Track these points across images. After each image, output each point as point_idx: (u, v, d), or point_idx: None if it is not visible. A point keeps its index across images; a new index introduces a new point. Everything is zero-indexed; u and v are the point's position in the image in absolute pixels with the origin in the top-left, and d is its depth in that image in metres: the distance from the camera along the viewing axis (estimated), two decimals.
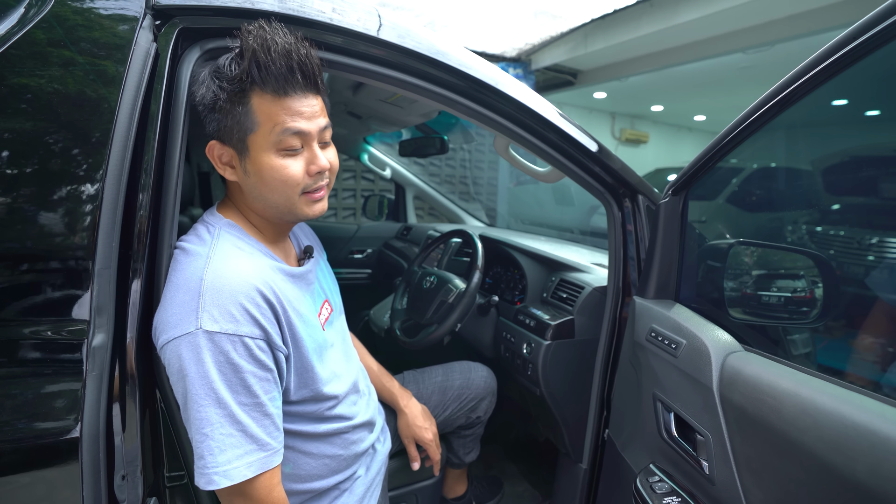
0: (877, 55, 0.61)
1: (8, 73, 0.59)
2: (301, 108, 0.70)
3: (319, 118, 0.73)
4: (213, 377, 0.64)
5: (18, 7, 0.61)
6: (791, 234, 3.63)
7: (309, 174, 0.73)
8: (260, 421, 0.68)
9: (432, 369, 1.29)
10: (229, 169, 0.75)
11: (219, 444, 0.65)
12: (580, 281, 1.32)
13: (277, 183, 0.72)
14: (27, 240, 0.60)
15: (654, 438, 0.90)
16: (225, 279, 0.66)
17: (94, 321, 0.62)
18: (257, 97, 0.68)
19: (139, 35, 0.68)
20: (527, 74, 5.72)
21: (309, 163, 0.73)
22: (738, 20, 3.83)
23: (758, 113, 0.77)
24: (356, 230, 2.77)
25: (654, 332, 0.94)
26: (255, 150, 0.70)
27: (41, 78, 0.61)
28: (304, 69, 0.69)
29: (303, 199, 0.75)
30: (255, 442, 0.67)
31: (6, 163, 0.59)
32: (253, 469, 0.67)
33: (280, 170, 0.71)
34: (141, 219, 0.67)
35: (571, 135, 1.06)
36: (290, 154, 0.71)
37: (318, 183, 0.75)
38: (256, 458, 0.67)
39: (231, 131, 0.71)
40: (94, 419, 0.62)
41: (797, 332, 1.13)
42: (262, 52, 0.66)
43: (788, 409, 0.63)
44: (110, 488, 0.64)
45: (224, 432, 0.65)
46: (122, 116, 0.66)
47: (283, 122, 0.69)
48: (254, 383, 0.67)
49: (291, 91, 0.69)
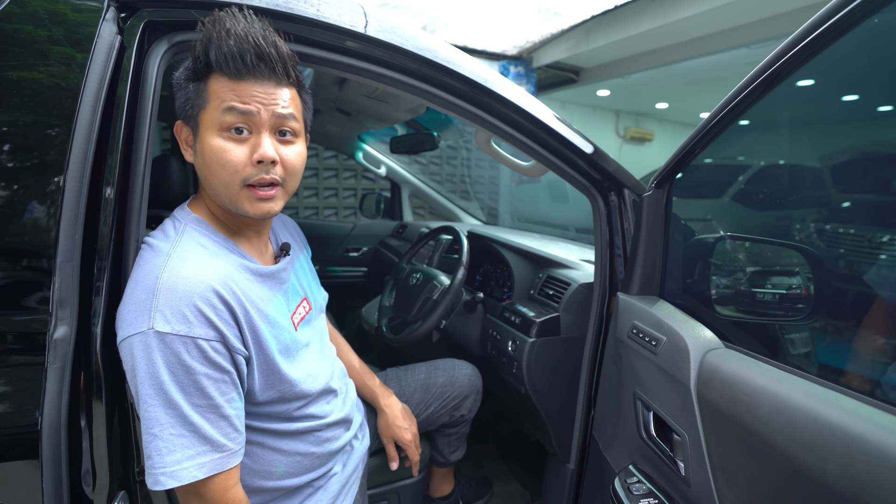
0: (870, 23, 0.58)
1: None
2: (253, 92, 0.68)
3: (276, 106, 0.70)
4: (163, 378, 0.62)
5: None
6: (800, 233, 3.56)
7: (251, 163, 0.69)
8: (215, 423, 0.67)
9: (415, 367, 1.27)
10: (189, 150, 0.74)
11: (167, 445, 0.63)
12: (567, 277, 1.29)
13: (216, 166, 0.69)
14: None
15: (635, 438, 0.88)
16: (180, 279, 0.65)
17: (57, 313, 0.62)
18: (215, 78, 0.68)
19: (102, 27, 0.67)
20: (528, 72, 5.68)
21: (252, 149, 0.69)
22: (742, 15, 3.77)
23: (741, 95, 0.74)
24: (352, 228, 2.76)
25: (636, 329, 0.92)
26: (203, 129, 0.69)
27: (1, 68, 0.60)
28: (261, 54, 0.67)
29: (244, 192, 0.70)
30: (208, 443, 0.66)
31: None
32: (205, 470, 0.65)
33: (220, 152, 0.68)
34: (105, 212, 0.66)
35: (556, 129, 1.04)
36: (233, 137, 0.68)
37: (261, 175, 0.70)
38: (209, 458, 0.66)
39: (186, 108, 0.71)
40: (54, 412, 0.61)
41: (795, 331, 1.09)
42: (219, 34, 0.66)
43: (763, 408, 0.60)
44: (74, 481, 0.63)
45: (174, 433, 0.63)
46: (85, 109, 0.65)
47: (228, 99, 0.67)
48: (208, 385, 0.66)
49: (248, 75, 0.68)
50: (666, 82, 5.97)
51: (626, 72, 5.38)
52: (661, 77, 5.61)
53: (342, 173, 4.98)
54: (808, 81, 0.76)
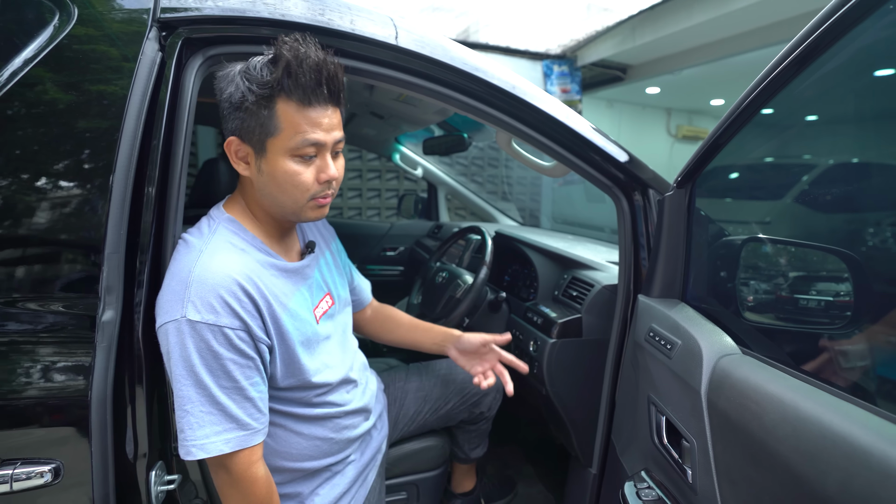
0: None
1: (42, 78, 0.67)
2: (321, 120, 0.74)
3: (336, 130, 0.77)
4: (194, 361, 0.69)
5: (52, 23, 0.70)
6: (873, 238, 3.28)
7: (318, 181, 0.77)
8: (240, 403, 0.73)
9: (437, 362, 1.30)
10: (243, 164, 0.79)
11: (198, 420, 0.70)
12: (591, 279, 1.27)
13: (289, 186, 0.76)
14: (51, 226, 0.69)
15: (648, 443, 0.86)
16: (209, 272, 0.71)
17: (105, 298, 0.69)
18: (283, 103, 0.72)
19: (146, 45, 0.75)
20: (573, 71, 5.57)
21: (319, 171, 0.77)
22: (803, 3, 3.52)
23: (771, 76, 0.69)
24: (389, 228, 2.84)
25: (653, 332, 0.90)
26: (273, 153, 0.74)
27: (66, 85, 0.69)
28: (331, 84, 0.74)
29: (310, 203, 0.79)
30: (234, 421, 0.72)
31: (32, 158, 0.68)
32: (230, 445, 0.71)
33: (293, 175, 0.75)
34: (147, 210, 0.74)
35: (589, 137, 1.04)
36: (303, 161, 0.76)
37: (325, 191, 0.79)
38: (234, 435, 0.72)
39: (253, 131, 0.74)
40: (101, 385, 0.68)
41: (841, 342, 1.02)
42: (294, 62, 0.70)
43: (770, 416, 0.58)
44: (118, 449, 0.71)
45: (203, 410, 0.70)
46: (130, 117, 0.72)
47: (304, 131, 0.73)
48: (234, 369, 0.72)
49: (315, 102, 0.73)
50: (721, 77, 5.66)
51: (676, 68, 5.15)
52: (715, 72, 5.32)
53: (385, 175, 5.10)
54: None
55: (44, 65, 0.68)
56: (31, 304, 0.68)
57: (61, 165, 0.69)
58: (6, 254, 0.68)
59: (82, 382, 0.67)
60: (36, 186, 0.68)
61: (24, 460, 0.64)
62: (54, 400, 0.67)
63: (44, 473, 0.64)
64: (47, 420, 0.67)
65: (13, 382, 0.66)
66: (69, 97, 0.69)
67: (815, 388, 0.57)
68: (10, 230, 0.67)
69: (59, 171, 0.69)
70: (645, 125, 7.80)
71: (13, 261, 0.69)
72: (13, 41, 0.68)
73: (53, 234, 0.69)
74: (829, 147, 1.24)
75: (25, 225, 0.68)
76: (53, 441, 0.67)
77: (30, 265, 0.69)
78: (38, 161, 0.68)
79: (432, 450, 1.23)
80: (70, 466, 0.66)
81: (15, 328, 0.68)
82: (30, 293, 0.68)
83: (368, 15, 0.89)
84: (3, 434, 0.65)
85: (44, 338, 0.69)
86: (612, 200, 1.13)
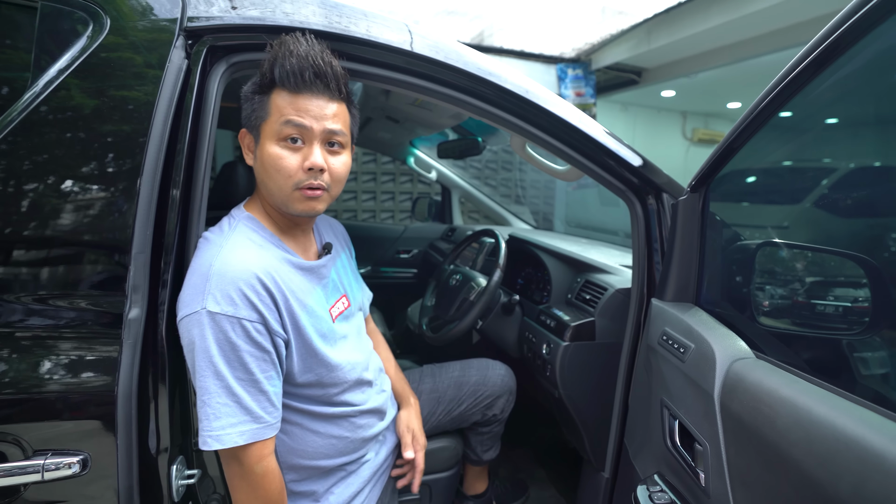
0: None
1: (75, 86, 0.71)
2: (309, 107, 0.77)
3: (328, 120, 0.79)
4: (213, 352, 0.71)
5: (85, 33, 0.73)
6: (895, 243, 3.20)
7: (303, 169, 0.78)
8: (255, 396, 0.75)
9: (450, 365, 1.31)
10: (250, 155, 0.84)
11: (215, 412, 0.72)
12: (604, 282, 1.27)
13: (273, 171, 0.78)
14: (82, 227, 0.72)
15: (661, 447, 0.86)
16: (229, 266, 0.74)
17: (131, 297, 0.72)
18: (276, 92, 0.78)
19: (173, 53, 0.78)
20: (587, 75, 5.55)
21: (304, 158, 0.79)
22: (821, 5, 3.46)
23: (788, 79, 0.69)
24: (403, 231, 2.86)
25: (666, 336, 0.90)
26: (264, 137, 0.79)
27: (97, 92, 0.72)
28: (318, 71, 0.77)
29: (296, 194, 0.80)
30: (248, 414, 0.74)
31: (65, 163, 0.71)
32: (245, 437, 0.73)
33: (277, 159, 0.78)
34: (172, 211, 0.76)
35: (602, 142, 1.05)
36: (289, 146, 0.78)
37: (310, 180, 0.79)
38: (248, 428, 0.74)
39: (251, 118, 0.81)
40: (127, 380, 0.71)
41: (864, 349, 1.01)
42: (282, 53, 0.76)
43: (783, 420, 0.58)
44: (142, 442, 0.73)
45: (220, 401, 0.72)
46: (157, 122, 0.75)
47: (287, 113, 0.77)
48: (250, 361, 0.74)
49: (305, 90, 0.77)
50: (738, 80, 5.59)
51: (692, 71, 5.10)
52: (732, 75, 5.26)
53: (399, 178, 5.14)
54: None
55: (77, 73, 0.71)
56: (62, 301, 0.71)
57: (92, 169, 0.72)
58: (39, 253, 0.71)
59: (109, 378, 0.70)
60: (68, 189, 0.71)
61: (55, 451, 0.67)
62: (83, 394, 0.70)
63: (72, 464, 0.67)
64: (76, 413, 0.70)
65: (47, 376, 0.68)
66: (100, 104, 0.73)
67: (828, 392, 0.57)
68: (44, 231, 0.70)
69: (90, 174, 0.72)
70: (660, 129, 7.73)
71: (46, 260, 0.72)
72: (49, 51, 0.71)
73: (84, 235, 0.72)
74: (849, 150, 1.21)
75: (58, 226, 0.71)
76: (82, 433, 0.70)
77: (61, 264, 0.72)
78: (70, 165, 0.71)
79: (445, 451, 1.24)
80: (97, 458, 0.69)
81: (47, 324, 0.71)
82: (61, 291, 0.71)
83: (384, 21, 0.91)
84: (37, 425, 0.68)
85: (74, 334, 0.72)
86: (625, 204, 1.14)
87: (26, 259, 0.71)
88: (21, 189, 0.69)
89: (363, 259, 2.77)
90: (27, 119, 0.69)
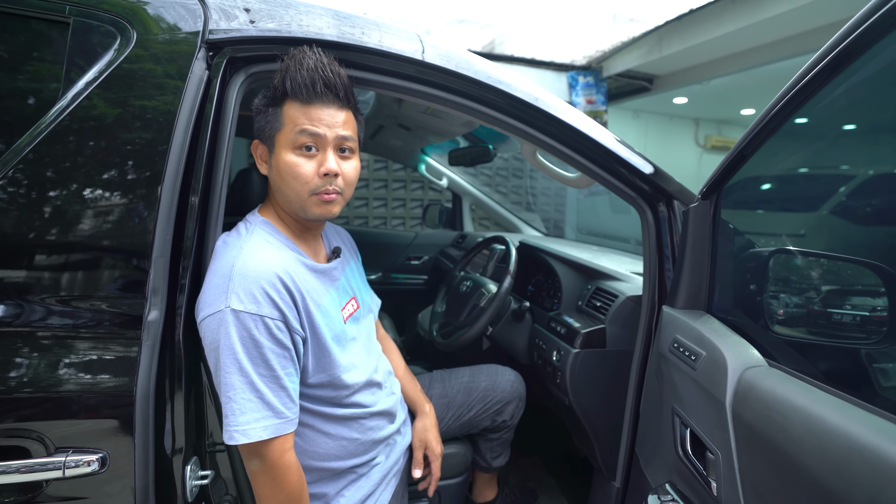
0: None
1: (101, 97, 0.74)
2: (321, 115, 0.81)
3: (339, 128, 0.83)
4: (237, 349, 0.74)
5: (113, 46, 0.76)
6: None
7: (318, 175, 0.82)
8: (276, 392, 0.77)
9: (460, 370, 1.31)
10: (265, 165, 0.87)
11: (240, 407, 0.74)
12: (615, 289, 1.27)
13: (290, 178, 0.82)
14: (105, 231, 0.74)
15: (672, 455, 0.85)
16: (251, 266, 0.76)
17: (150, 299, 0.74)
18: (289, 104, 0.82)
19: (195, 65, 0.80)
20: (598, 82, 5.55)
21: (319, 164, 0.81)
22: (836, 11, 3.43)
23: (800, 84, 0.69)
24: (414, 237, 2.88)
25: (677, 343, 0.89)
26: (279, 147, 0.82)
27: (122, 103, 0.75)
28: (328, 82, 0.80)
29: (313, 199, 0.83)
30: (270, 409, 0.76)
31: (90, 171, 0.73)
32: (268, 432, 0.75)
33: (294, 166, 0.81)
34: (191, 217, 0.79)
35: (613, 149, 1.05)
36: (304, 154, 0.81)
37: (326, 185, 0.82)
38: (271, 423, 0.76)
39: (265, 130, 0.84)
40: (145, 381, 0.73)
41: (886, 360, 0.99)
42: (293, 66, 0.80)
43: (796, 428, 0.58)
44: (158, 442, 0.75)
45: (244, 397, 0.74)
46: (178, 133, 0.78)
47: (301, 123, 0.81)
48: (272, 358, 0.76)
49: (316, 100, 0.81)
50: (752, 86, 5.54)
51: (705, 77, 5.07)
52: (746, 81, 5.21)
53: (410, 185, 5.17)
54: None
55: (104, 85, 0.74)
56: (84, 302, 0.73)
57: (116, 177, 0.75)
58: (62, 257, 0.74)
59: (128, 378, 0.71)
60: (93, 196, 0.74)
61: (76, 449, 0.69)
62: (103, 394, 0.71)
63: (91, 462, 0.68)
64: (96, 412, 0.72)
65: (68, 375, 0.71)
66: (124, 114, 0.75)
67: (841, 401, 0.57)
68: (67, 235, 0.73)
69: (114, 181, 0.75)
70: (672, 136, 7.68)
71: (69, 263, 0.74)
72: (79, 64, 0.74)
73: (106, 240, 0.74)
74: (866, 156, 1.20)
75: (82, 230, 0.73)
76: (101, 432, 0.72)
77: (83, 268, 0.74)
78: (95, 173, 0.74)
79: (454, 457, 1.24)
80: (115, 457, 0.71)
81: (69, 324, 0.73)
82: (82, 293, 0.74)
83: (396, 32, 0.93)
84: (59, 423, 0.70)
85: (94, 334, 0.74)
86: (636, 212, 1.14)
87: (50, 262, 0.73)
88: (49, 195, 0.72)
89: (374, 265, 2.79)
90: (56, 129, 0.72)
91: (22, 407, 0.69)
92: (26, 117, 0.72)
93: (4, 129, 0.72)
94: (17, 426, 0.68)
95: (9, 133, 0.72)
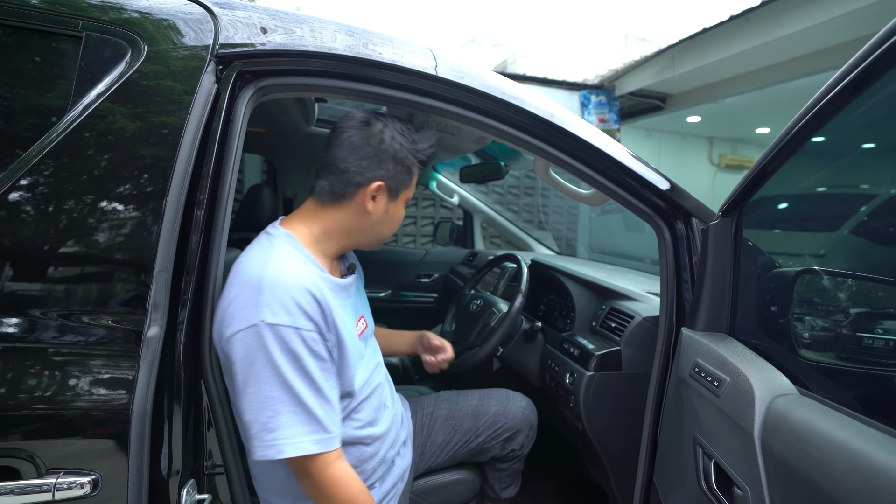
0: None
1: (110, 110, 0.74)
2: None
3: None
4: (278, 362, 0.72)
5: (124, 59, 0.76)
6: None
7: None
8: (323, 405, 0.76)
9: (469, 392, 1.27)
10: (371, 203, 0.89)
11: (288, 420, 0.72)
12: (630, 310, 1.22)
13: (395, 224, 0.96)
14: (108, 244, 0.72)
15: (694, 489, 0.80)
16: (281, 278, 0.75)
17: (151, 315, 0.72)
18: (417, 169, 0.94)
19: (203, 78, 0.80)
20: (610, 101, 5.56)
21: None
22: (852, 29, 3.40)
23: (822, 102, 0.66)
24: (424, 255, 2.86)
25: (698, 368, 0.85)
26: (400, 200, 0.94)
27: (131, 116, 0.75)
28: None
29: None
30: (317, 423, 0.75)
31: (97, 183, 0.73)
32: (319, 446, 0.74)
33: (401, 218, 0.96)
34: (196, 232, 0.77)
35: (629, 165, 1.02)
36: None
37: None
38: (321, 437, 0.75)
39: (399, 181, 0.91)
40: (143, 399, 0.70)
41: None
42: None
43: (836, 465, 0.53)
44: (154, 464, 0.72)
45: (291, 410, 0.73)
46: (185, 146, 0.77)
47: (413, 187, 0.96)
48: (313, 370, 0.75)
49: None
50: (767, 105, 5.50)
51: (718, 96, 5.05)
52: (760, 100, 5.18)
53: (421, 202, 5.18)
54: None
55: (113, 98, 0.74)
56: (85, 317, 0.72)
57: (121, 189, 0.74)
58: (62, 269, 0.72)
59: (125, 396, 0.69)
60: (96, 207, 0.72)
61: (67, 470, 0.66)
62: (98, 412, 0.69)
63: (84, 484, 0.66)
64: (90, 431, 0.69)
65: (64, 393, 0.68)
66: (132, 127, 0.75)
67: (887, 436, 0.52)
68: (69, 248, 0.71)
69: (119, 194, 0.73)
70: (686, 154, 7.63)
71: (68, 277, 0.72)
72: (90, 77, 0.74)
73: (108, 253, 0.73)
74: (891, 176, 1.15)
75: (84, 243, 0.72)
76: (94, 452, 0.69)
77: (82, 281, 0.73)
78: (100, 186, 0.73)
79: (461, 484, 1.19)
80: (107, 479, 0.68)
81: (65, 339, 0.71)
82: (81, 307, 0.72)
83: (409, 47, 0.92)
84: (50, 443, 0.68)
85: (91, 350, 0.72)
86: (652, 230, 1.10)
87: (47, 274, 0.71)
88: (52, 208, 0.71)
89: (384, 282, 2.77)
90: (65, 141, 0.71)
91: (12, 426, 0.67)
92: (36, 127, 0.72)
93: (14, 141, 0.72)
94: (6, 445, 0.66)
95: (19, 144, 0.71)
